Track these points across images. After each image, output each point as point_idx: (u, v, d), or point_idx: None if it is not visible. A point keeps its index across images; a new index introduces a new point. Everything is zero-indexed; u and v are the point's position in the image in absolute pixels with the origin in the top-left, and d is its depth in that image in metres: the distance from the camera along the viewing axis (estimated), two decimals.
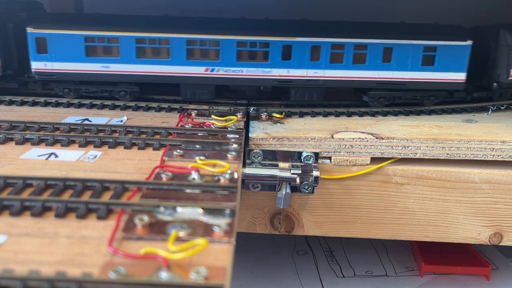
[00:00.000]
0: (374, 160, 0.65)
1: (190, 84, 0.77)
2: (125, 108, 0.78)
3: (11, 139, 0.61)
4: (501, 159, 0.66)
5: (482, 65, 0.83)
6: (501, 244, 0.68)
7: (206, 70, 0.76)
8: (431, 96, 0.80)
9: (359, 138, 0.64)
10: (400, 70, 0.77)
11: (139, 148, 0.60)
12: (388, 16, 1.01)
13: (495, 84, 0.81)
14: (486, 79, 0.82)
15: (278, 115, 0.73)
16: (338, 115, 0.76)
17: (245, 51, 0.76)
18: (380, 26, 0.81)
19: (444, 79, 0.78)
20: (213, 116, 0.72)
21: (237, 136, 0.64)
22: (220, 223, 0.42)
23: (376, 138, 0.65)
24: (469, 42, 0.77)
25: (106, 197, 0.47)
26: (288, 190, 0.62)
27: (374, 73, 0.77)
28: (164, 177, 0.51)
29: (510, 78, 0.80)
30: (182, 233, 0.40)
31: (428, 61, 0.77)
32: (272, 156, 0.64)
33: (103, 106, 0.78)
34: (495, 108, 0.82)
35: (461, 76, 0.78)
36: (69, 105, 0.78)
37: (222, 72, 0.76)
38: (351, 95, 0.85)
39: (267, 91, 0.80)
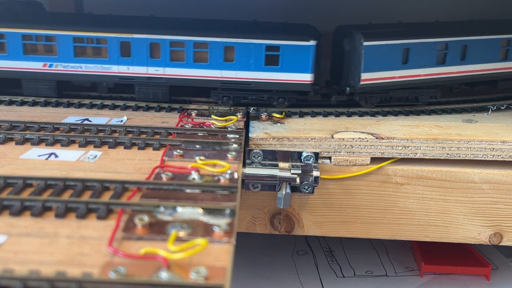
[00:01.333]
0: (374, 160, 0.65)
1: (30, 80, 0.77)
2: (125, 108, 0.78)
3: (11, 139, 0.61)
4: (501, 159, 0.66)
5: (340, 68, 0.80)
6: (501, 244, 0.68)
7: (44, 65, 0.76)
8: (280, 98, 0.77)
9: (359, 138, 0.64)
10: (243, 69, 0.76)
11: (139, 148, 0.60)
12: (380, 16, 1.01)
13: (348, 88, 0.78)
14: (343, 82, 0.79)
15: (278, 115, 0.74)
16: (338, 115, 0.76)
17: (83, 47, 0.76)
18: (223, 23, 0.80)
19: (289, 80, 0.76)
20: (213, 116, 0.72)
21: (237, 136, 0.64)
22: (220, 223, 0.42)
23: (376, 138, 0.65)
24: (312, 43, 0.74)
25: (106, 197, 0.47)
26: (288, 190, 0.62)
27: (217, 72, 0.75)
28: (164, 177, 0.51)
29: (362, 82, 0.75)
30: (182, 233, 0.40)
31: (272, 61, 0.76)
32: (272, 156, 0.64)
33: (103, 106, 0.78)
34: (495, 108, 0.82)
35: (307, 77, 0.76)
36: (69, 105, 0.78)
37: (61, 68, 0.76)
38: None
39: (111, 87, 0.80)
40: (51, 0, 1.06)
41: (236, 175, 0.52)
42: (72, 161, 0.56)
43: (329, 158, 0.66)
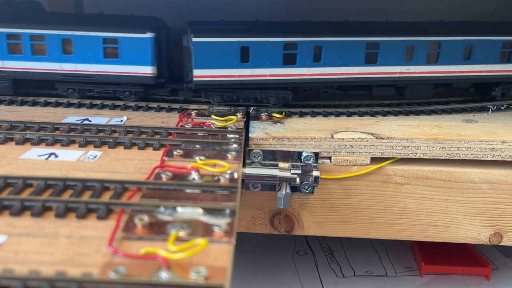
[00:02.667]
0: (374, 160, 0.65)
1: None
2: (125, 108, 0.78)
3: (11, 139, 0.61)
4: (501, 159, 0.66)
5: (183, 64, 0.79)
6: (501, 244, 0.68)
7: None
8: (126, 91, 0.77)
9: (359, 138, 0.64)
10: (83, 62, 0.76)
11: (139, 148, 0.60)
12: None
13: (185, 84, 0.77)
14: (184, 78, 0.79)
15: (278, 115, 0.73)
16: (338, 115, 0.76)
17: None
18: (63, 16, 0.79)
19: (130, 73, 0.76)
20: (213, 116, 0.72)
21: (237, 136, 0.64)
22: (220, 223, 0.42)
23: (376, 138, 0.65)
24: (149, 35, 0.74)
25: (106, 197, 0.47)
26: (288, 190, 0.62)
27: (56, 65, 0.75)
28: (164, 177, 0.51)
29: (196, 79, 0.74)
30: (182, 233, 0.40)
31: (112, 53, 0.75)
32: (272, 156, 0.64)
33: (103, 106, 0.78)
34: (495, 108, 0.82)
35: (147, 70, 0.76)
36: (69, 105, 0.78)
37: None
38: None
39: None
40: (51, 0, 1.06)
41: (236, 175, 0.52)
42: (72, 161, 0.56)
43: (329, 158, 0.66)
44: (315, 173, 0.62)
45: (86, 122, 0.69)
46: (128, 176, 0.52)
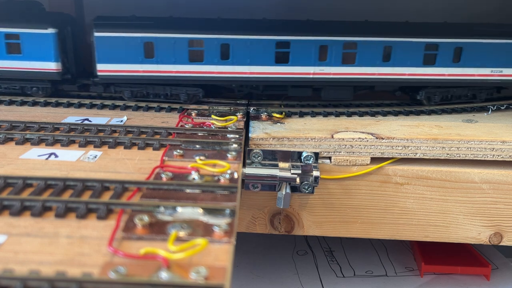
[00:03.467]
0: (374, 160, 0.65)
1: None
2: (125, 108, 0.78)
3: (11, 139, 0.61)
4: (501, 159, 0.66)
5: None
6: (501, 244, 0.68)
7: None
8: (33, 87, 0.77)
9: (359, 138, 0.64)
10: None
11: (139, 148, 0.60)
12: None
13: (91, 79, 0.77)
14: (93, 73, 0.78)
15: (278, 115, 0.73)
16: (338, 115, 0.76)
17: None
18: None
19: (34, 68, 0.76)
20: (213, 116, 0.72)
21: (237, 136, 0.64)
22: (220, 223, 0.42)
23: (376, 138, 0.65)
24: (51, 30, 0.73)
25: (106, 197, 0.47)
26: (288, 190, 0.62)
27: None
28: (164, 177, 0.51)
29: (100, 73, 0.74)
30: (182, 233, 0.40)
31: (15, 49, 0.75)
32: (272, 156, 0.64)
33: (103, 106, 0.78)
34: (495, 108, 0.82)
35: (51, 66, 0.75)
36: (69, 105, 0.78)
37: None
38: None
39: None
40: (51, 0, 1.06)
41: (236, 175, 0.52)
42: (72, 161, 0.56)
43: (329, 158, 0.66)
44: (315, 173, 0.62)
45: (86, 122, 0.69)
46: (128, 176, 0.52)
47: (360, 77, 0.78)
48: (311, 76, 0.77)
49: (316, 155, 0.64)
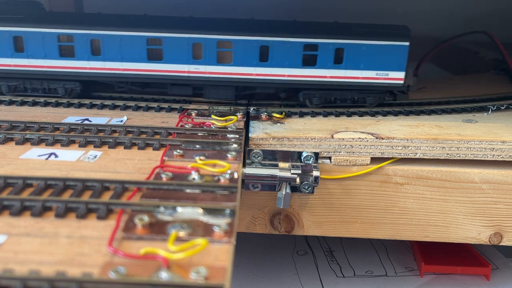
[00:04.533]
0: (374, 160, 0.65)
1: None
2: (125, 108, 0.78)
3: (11, 139, 0.61)
4: (501, 159, 0.66)
5: None
6: (501, 244, 0.68)
7: None
8: None
9: (359, 138, 0.64)
10: None
11: (139, 148, 0.60)
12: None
13: None
14: None
15: (278, 115, 0.73)
16: (338, 115, 0.76)
17: None
18: None
19: None
20: (213, 116, 0.72)
21: (237, 136, 0.64)
22: (220, 223, 0.42)
23: (376, 138, 0.65)
24: None
25: (106, 197, 0.47)
26: (288, 190, 0.62)
27: None
28: (164, 177, 0.51)
29: None
30: (182, 233, 0.40)
31: None
32: (272, 156, 0.64)
33: (103, 106, 0.78)
34: (495, 108, 0.81)
35: None
36: (69, 105, 0.78)
37: None
38: None
39: None
40: (51, 0, 1.06)
41: (236, 175, 0.52)
42: (72, 161, 0.56)
43: (329, 158, 0.66)
44: (315, 173, 0.62)
45: (86, 122, 0.69)
46: (128, 176, 0.52)
47: (237, 77, 0.75)
48: (186, 74, 0.75)
49: (316, 155, 0.64)
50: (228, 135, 0.64)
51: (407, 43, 0.74)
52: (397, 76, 0.76)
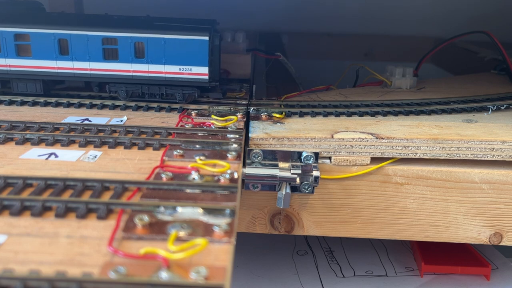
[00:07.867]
0: (374, 160, 0.65)
1: None
2: (125, 108, 0.78)
3: (11, 139, 0.61)
4: (501, 159, 0.66)
5: None
6: (501, 244, 0.68)
7: None
8: None
9: (359, 138, 0.64)
10: None
11: (139, 148, 0.60)
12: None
13: None
14: None
15: (278, 115, 0.73)
16: (338, 115, 0.76)
17: None
18: None
19: None
20: (213, 116, 0.72)
21: (237, 136, 0.64)
22: (220, 223, 0.42)
23: (376, 138, 0.65)
24: None
25: (106, 197, 0.47)
26: (288, 190, 0.62)
27: None
28: (164, 177, 0.51)
29: None
30: (182, 233, 0.40)
31: None
32: (272, 156, 0.64)
33: (103, 106, 0.78)
34: (495, 108, 0.81)
35: None
36: (69, 105, 0.78)
37: None
38: None
39: None
40: (51, 0, 1.06)
41: (236, 175, 0.52)
42: (72, 161, 0.56)
43: (329, 158, 0.66)
44: (315, 173, 0.62)
45: (86, 122, 0.69)
46: (128, 176, 0.52)
47: (38, 70, 0.75)
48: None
49: (316, 155, 0.64)
50: (228, 135, 0.64)
51: (206, 38, 0.73)
52: (201, 72, 0.75)
